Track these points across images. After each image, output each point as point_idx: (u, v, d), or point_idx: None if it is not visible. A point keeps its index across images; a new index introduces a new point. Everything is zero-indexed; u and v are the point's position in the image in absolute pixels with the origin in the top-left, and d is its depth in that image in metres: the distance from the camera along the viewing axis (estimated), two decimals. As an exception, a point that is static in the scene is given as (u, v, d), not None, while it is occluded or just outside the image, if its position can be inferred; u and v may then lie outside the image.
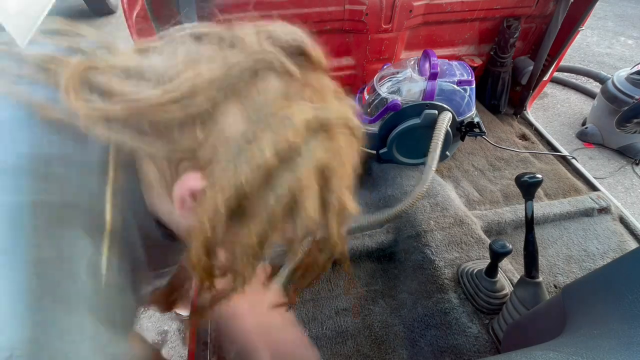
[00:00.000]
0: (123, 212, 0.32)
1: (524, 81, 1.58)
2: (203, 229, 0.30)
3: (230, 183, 0.29)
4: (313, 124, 0.30)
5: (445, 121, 1.06)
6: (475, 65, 1.54)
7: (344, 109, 0.34)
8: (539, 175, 0.78)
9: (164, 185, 0.33)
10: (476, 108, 1.19)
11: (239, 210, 0.30)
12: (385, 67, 1.24)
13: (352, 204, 0.36)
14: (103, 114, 0.29)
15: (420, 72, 1.12)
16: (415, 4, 1.29)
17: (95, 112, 0.29)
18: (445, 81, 1.10)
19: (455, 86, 1.11)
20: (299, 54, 0.32)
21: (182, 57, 0.31)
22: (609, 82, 2.07)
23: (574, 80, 2.68)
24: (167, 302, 0.72)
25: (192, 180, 0.30)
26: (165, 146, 0.30)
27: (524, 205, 0.81)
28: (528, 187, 0.79)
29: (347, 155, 0.34)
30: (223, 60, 0.30)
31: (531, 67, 1.52)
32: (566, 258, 1.09)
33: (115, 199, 0.31)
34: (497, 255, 0.83)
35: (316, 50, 0.33)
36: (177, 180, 0.31)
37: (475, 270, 0.93)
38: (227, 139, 0.29)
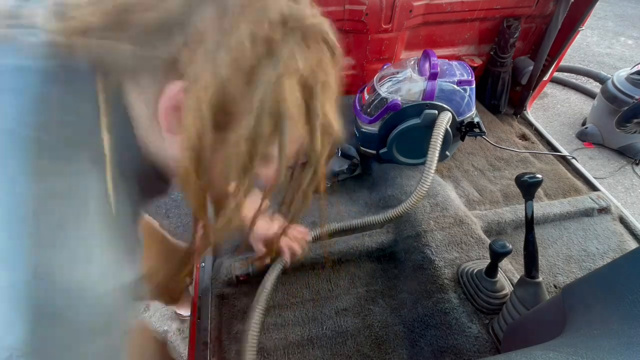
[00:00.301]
0: (118, 146, 0.33)
1: (524, 81, 1.58)
2: (189, 137, 0.30)
3: (210, 79, 0.29)
4: (289, 20, 0.30)
5: (444, 121, 1.06)
6: (475, 65, 1.54)
7: (319, 19, 0.33)
8: (539, 175, 0.78)
9: (151, 109, 0.32)
10: (476, 108, 1.19)
11: (224, 116, 0.30)
12: (385, 67, 1.24)
13: (336, 123, 0.37)
14: (81, 24, 0.29)
15: (420, 72, 1.12)
16: (415, 4, 1.29)
17: (73, 24, 0.29)
18: (445, 81, 1.10)
19: (455, 86, 1.11)
20: None
21: None
22: (609, 82, 2.07)
23: (574, 80, 2.68)
24: (170, 291, 0.74)
25: (174, 89, 0.30)
26: (146, 53, 0.30)
27: (524, 205, 0.81)
28: (528, 187, 0.79)
29: (329, 69, 0.35)
30: None
31: (531, 67, 1.53)
32: (566, 258, 1.09)
33: (109, 132, 0.31)
34: (497, 255, 0.83)
35: None
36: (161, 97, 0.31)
37: (475, 270, 0.93)
38: (203, 36, 0.29)
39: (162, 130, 0.32)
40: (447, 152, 1.25)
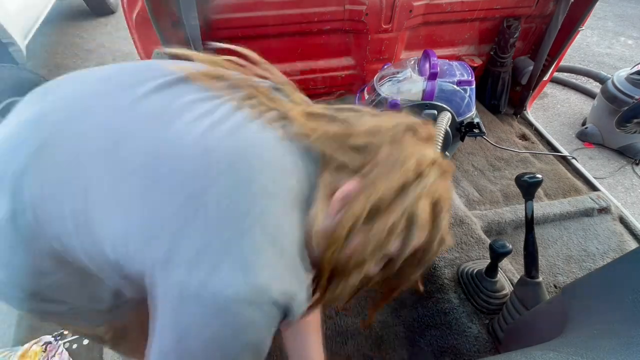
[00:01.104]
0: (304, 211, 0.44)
1: (524, 81, 1.58)
2: (350, 219, 0.42)
3: (381, 186, 0.42)
4: (435, 162, 0.46)
5: (443, 122, 1.06)
6: (475, 65, 1.54)
7: (444, 160, 0.48)
8: (539, 175, 0.78)
9: (327, 193, 0.44)
10: (476, 108, 1.19)
11: (375, 212, 0.42)
12: (385, 67, 1.23)
13: (450, 238, 0.49)
14: (324, 131, 0.45)
15: (420, 72, 1.12)
16: (415, 4, 1.29)
17: (320, 129, 0.45)
18: (445, 81, 1.10)
19: (455, 86, 1.11)
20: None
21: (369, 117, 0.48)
22: (609, 82, 2.07)
23: (574, 80, 2.68)
24: None
25: (350, 185, 0.43)
26: (350, 159, 0.44)
27: (524, 205, 0.81)
28: (528, 187, 0.79)
29: (450, 194, 0.48)
30: (394, 120, 0.47)
31: (531, 67, 1.52)
32: (566, 258, 1.09)
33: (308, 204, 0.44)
34: (497, 255, 0.83)
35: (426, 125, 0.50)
36: (339, 187, 0.43)
37: (475, 270, 0.92)
38: (385, 162, 0.44)
39: (328, 210, 0.44)
40: (447, 153, 1.25)
